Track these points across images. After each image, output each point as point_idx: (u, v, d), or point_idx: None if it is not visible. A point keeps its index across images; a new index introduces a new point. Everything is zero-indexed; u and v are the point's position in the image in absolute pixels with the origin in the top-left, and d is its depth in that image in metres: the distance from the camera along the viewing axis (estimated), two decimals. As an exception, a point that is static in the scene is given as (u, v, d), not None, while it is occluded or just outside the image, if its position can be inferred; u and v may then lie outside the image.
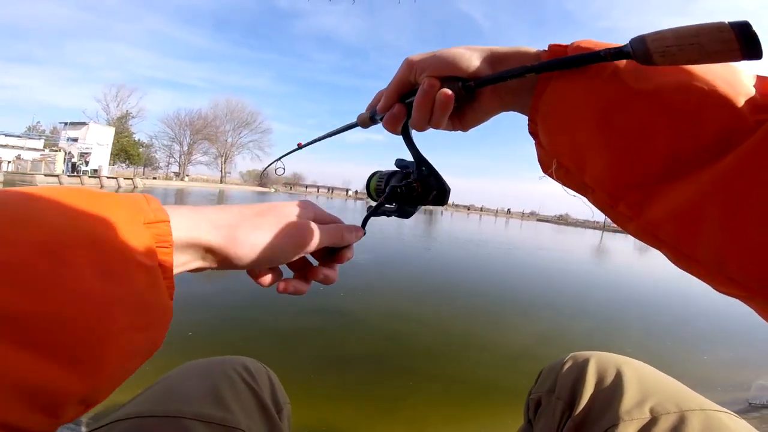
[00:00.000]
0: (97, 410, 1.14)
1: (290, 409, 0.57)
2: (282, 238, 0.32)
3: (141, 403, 0.42)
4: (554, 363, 0.60)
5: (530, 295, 4.46)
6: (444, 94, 0.35)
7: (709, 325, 3.94)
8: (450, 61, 0.36)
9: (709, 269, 0.26)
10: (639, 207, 0.29)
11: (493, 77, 0.34)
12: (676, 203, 0.26)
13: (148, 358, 0.24)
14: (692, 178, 0.26)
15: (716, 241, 0.24)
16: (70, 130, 31.77)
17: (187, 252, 0.28)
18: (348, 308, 3.07)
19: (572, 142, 0.32)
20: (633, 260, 10.63)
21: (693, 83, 0.26)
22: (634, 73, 0.28)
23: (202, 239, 0.28)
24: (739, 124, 0.24)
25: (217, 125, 45.42)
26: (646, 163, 0.28)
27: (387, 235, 7.84)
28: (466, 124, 0.41)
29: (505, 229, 20.61)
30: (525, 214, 71.17)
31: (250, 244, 0.31)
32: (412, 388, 1.89)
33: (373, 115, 0.43)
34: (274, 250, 0.32)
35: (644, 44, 0.25)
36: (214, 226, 0.29)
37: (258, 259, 0.31)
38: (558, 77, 0.32)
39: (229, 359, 0.53)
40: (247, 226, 0.31)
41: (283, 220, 0.34)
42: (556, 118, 0.33)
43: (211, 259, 0.30)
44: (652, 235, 0.29)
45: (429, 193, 0.40)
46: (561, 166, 0.34)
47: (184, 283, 2.77)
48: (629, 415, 0.44)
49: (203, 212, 0.30)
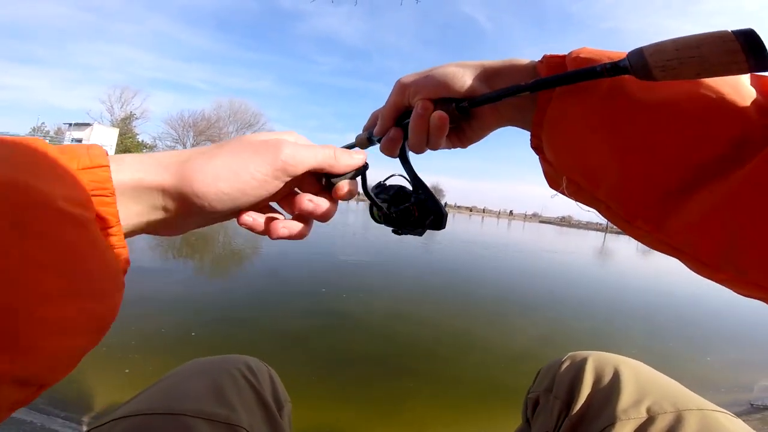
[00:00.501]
0: (98, 408, 1.15)
1: (291, 408, 0.58)
2: (249, 159, 0.27)
3: (143, 401, 0.42)
4: (552, 363, 0.61)
5: (534, 295, 4.44)
6: (438, 117, 0.35)
7: (714, 325, 3.93)
8: (442, 82, 0.35)
9: (732, 276, 0.25)
10: (656, 222, 0.28)
11: (487, 97, 0.33)
12: (694, 215, 0.25)
13: (100, 334, 0.20)
14: (708, 189, 0.25)
15: (739, 249, 0.24)
16: (75, 131, 32.01)
17: (136, 200, 0.24)
18: (349, 309, 3.06)
19: (581, 159, 0.31)
20: (639, 261, 10.58)
21: (700, 91, 0.26)
22: (638, 83, 0.27)
23: (149, 180, 0.24)
24: (750, 128, 0.24)
25: (220, 126, 45.46)
26: (661, 178, 0.27)
27: (390, 240, 7.84)
28: (465, 141, 0.41)
29: (508, 231, 20.55)
30: (527, 216, 71.01)
31: (210, 175, 0.26)
32: (412, 389, 1.89)
33: (370, 136, 0.42)
34: (241, 176, 0.27)
35: (643, 58, 0.24)
36: (163, 165, 0.25)
37: (224, 191, 0.26)
38: (560, 93, 0.31)
39: (230, 358, 0.54)
40: (202, 157, 0.27)
41: (249, 143, 0.29)
42: (562, 136, 0.32)
43: (169, 206, 0.25)
44: (671, 246, 0.28)
45: (426, 218, 0.39)
46: (571, 182, 0.33)
47: (184, 283, 2.80)
48: (626, 414, 0.44)
49: (151, 154, 0.26)
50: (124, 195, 0.23)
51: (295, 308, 2.90)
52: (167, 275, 3.50)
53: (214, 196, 0.26)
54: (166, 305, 2.65)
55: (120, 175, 0.23)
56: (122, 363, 1.75)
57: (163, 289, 3.01)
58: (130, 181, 0.23)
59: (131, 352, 1.86)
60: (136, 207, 0.24)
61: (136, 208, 0.24)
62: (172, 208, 0.26)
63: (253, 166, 0.27)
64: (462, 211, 65.42)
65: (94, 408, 1.46)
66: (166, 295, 2.87)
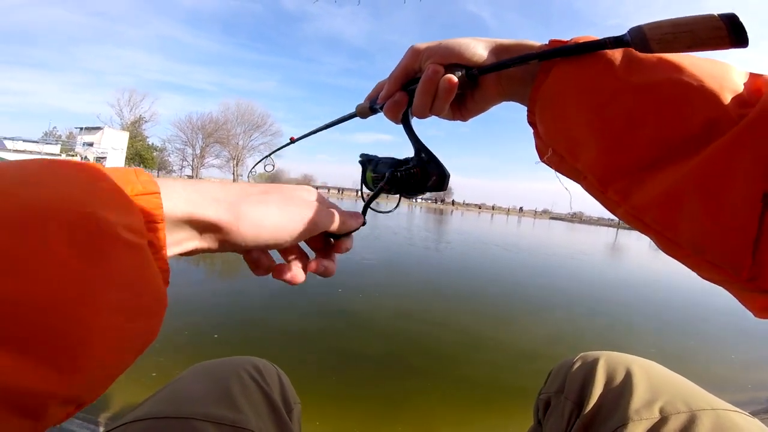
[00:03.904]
0: (115, 410, 1.16)
1: (300, 409, 0.58)
2: (290, 216, 0.30)
3: (153, 405, 0.43)
4: (563, 363, 0.60)
5: (547, 294, 4.41)
6: (447, 79, 0.36)
7: (738, 323, 3.83)
8: (455, 50, 0.37)
9: (691, 253, 0.27)
10: (625, 193, 0.30)
11: (497, 64, 0.36)
12: (659, 190, 0.28)
13: (142, 352, 0.22)
14: (675, 167, 0.27)
15: (696, 227, 0.26)
16: (86, 134, 32.56)
17: (182, 229, 0.25)
18: (359, 309, 3.08)
19: (567, 131, 0.34)
20: (656, 258, 10.43)
21: (682, 78, 0.28)
22: (628, 66, 0.30)
23: (199, 214, 0.25)
24: (723, 117, 0.26)
25: (228, 128, 45.90)
26: (634, 151, 0.29)
27: (396, 240, 7.83)
28: (466, 113, 0.43)
29: (518, 228, 20.42)
30: (538, 212, 70.48)
31: (255, 221, 0.28)
32: (421, 388, 1.89)
33: (372, 105, 0.43)
34: (280, 228, 0.29)
35: (642, 33, 0.27)
36: (214, 200, 0.26)
37: (262, 237, 0.28)
38: (555, 69, 0.33)
39: (239, 359, 0.54)
40: (251, 201, 0.29)
41: (289, 198, 0.32)
42: (553, 109, 0.34)
43: (210, 239, 0.27)
44: (638, 219, 0.30)
45: (428, 179, 0.39)
46: (555, 153, 0.36)
47: (202, 284, 2.82)
48: (638, 414, 0.44)
49: (200, 185, 0.27)
50: (171, 224, 0.24)
51: (304, 308, 2.93)
52: (187, 276, 3.53)
53: (253, 241, 0.28)
54: (187, 307, 2.68)
55: (172, 205, 0.23)
56: (148, 367, 1.78)
57: (182, 291, 3.04)
58: (181, 213, 0.24)
59: (156, 355, 1.89)
60: (179, 235, 0.25)
61: (179, 236, 0.25)
62: (212, 240, 0.27)
63: (293, 225, 0.30)
64: (471, 208, 65.15)
65: (122, 414, 1.47)
66: (185, 297, 2.90)
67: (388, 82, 0.41)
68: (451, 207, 60.33)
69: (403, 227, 10.79)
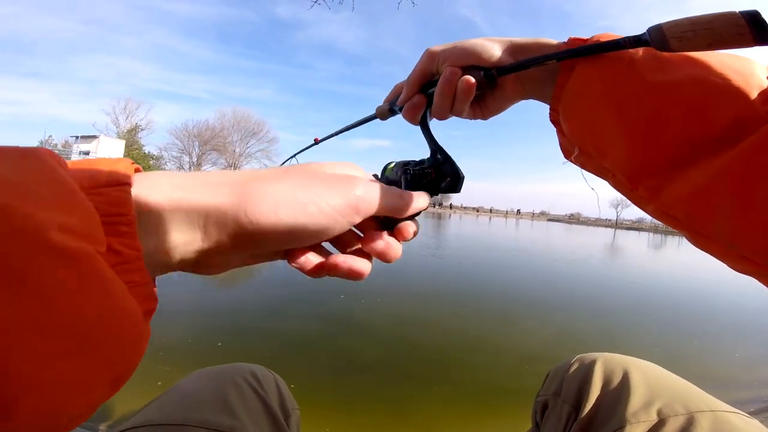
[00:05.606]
0: (114, 416, 1.15)
1: (299, 416, 0.57)
2: (320, 191, 0.23)
3: (150, 412, 0.43)
4: (561, 365, 0.60)
5: (553, 294, 4.41)
6: (466, 81, 0.36)
7: (742, 321, 3.82)
8: (472, 51, 0.37)
9: (723, 247, 0.28)
10: (655, 190, 0.30)
11: (516, 65, 0.35)
12: (690, 187, 0.28)
13: (116, 388, 0.17)
14: (705, 164, 0.27)
15: (727, 222, 0.26)
16: (82, 143, 32.52)
17: (173, 226, 0.19)
18: (358, 314, 3.07)
19: (593, 130, 0.34)
20: (658, 257, 10.44)
21: (707, 76, 0.28)
22: (651, 65, 0.30)
23: (190, 200, 0.20)
24: (750, 114, 0.26)
25: (224, 136, 45.76)
26: (662, 150, 0.29)
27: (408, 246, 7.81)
28: (486, 113, 0.43)
29: (516, 230, 20.41)
30: (535, 214, 70.64)
31: (270, 201, 0.21)
32: (422, 393, 1.88)
33: (392, 106, 0.44)
34: (308, 208, 0.22)
35: (661, 31, 0.27)
36: (211, 183, 0.21)
37: (284, 222, 0.22)
38: (578, 68, 0.33)
39: (236, 366, 0.54)
40: (261, 179, 0.23)
41: (315, 173, 0.25)
42: (578, 108, 0.34)
43: (216, 232, 0.21)
44: (669, 216, 0.30)
45: (443, 180, 0.39)
46: (582, 152, 0.36)
47: (203, 293, 2.78)
48: (636, 417, 0.43)
49: (193, 173, 0.22)
50: (153, 220, 0.19)
51: (303, 313, 2.92)
52: (186, 285, 3.49)
53: (271, 226, 0.21)
54: (189, 316, 2.66)
55: (149, 192, 0.18)
56: (154, 375, 1.76)
57: (184, 299, 3.02)
58: (167, 203, 0.19)
59: (161, 364, 1.88)
60: (177, 235, 0.19)
61: (169, 236, 0.19)
62: (215, 237, 0.21)
63: (324, 199, 0.23)
64: (469, 212, 65.21)
65: (124, 421, 1.46)
66: (187, 306, 2.88)
67: (406, 86, 0.41)
68: (449, 211, 60.34)
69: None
